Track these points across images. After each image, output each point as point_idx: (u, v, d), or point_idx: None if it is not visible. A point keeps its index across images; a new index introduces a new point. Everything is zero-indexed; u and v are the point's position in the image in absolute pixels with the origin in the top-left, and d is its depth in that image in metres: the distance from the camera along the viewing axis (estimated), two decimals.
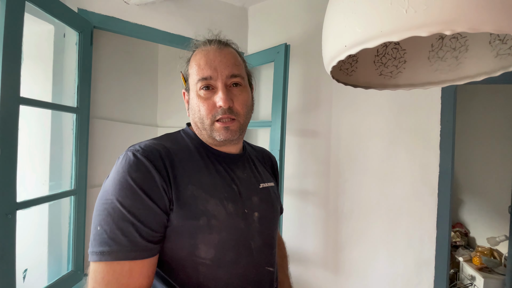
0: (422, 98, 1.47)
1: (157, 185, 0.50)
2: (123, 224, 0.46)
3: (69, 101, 1.29)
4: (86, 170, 1.34)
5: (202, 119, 0.59)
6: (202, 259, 0.53)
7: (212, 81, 0.58)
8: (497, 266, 2.48)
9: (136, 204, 0.48)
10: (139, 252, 0.47)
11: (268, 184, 0.69)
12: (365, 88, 0.66)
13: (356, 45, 0.40)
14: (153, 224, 0.49)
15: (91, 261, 0.46)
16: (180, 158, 0.56)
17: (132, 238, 0.46)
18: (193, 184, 0.54)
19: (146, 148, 0.54)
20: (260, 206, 0.63)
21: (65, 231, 1.33)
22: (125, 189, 0.48)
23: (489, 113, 2.79)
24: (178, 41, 1.53)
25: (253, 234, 0.60)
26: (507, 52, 0.50)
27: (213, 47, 0.60)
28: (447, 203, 1.43)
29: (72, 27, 1.24)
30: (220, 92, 0.56)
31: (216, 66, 0.57)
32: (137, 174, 0.49)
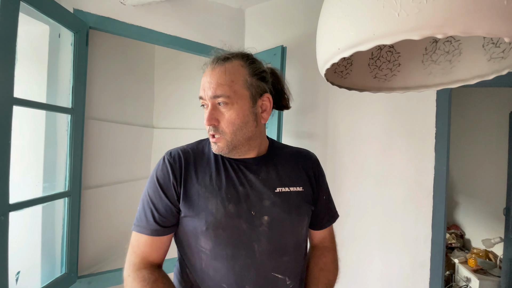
0: (417, 101, 1.48)
1: (170, 183, 0.64)
2: (147, 208, 0.64)
3: (63, 102, 1.28)
4: (80, 171, 1.33)
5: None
6: (203, 248, 0.62)
7: (205, 101, 0.64)
8: (492, 268, 2.49)
9: (155, 195, 0.64)
10: (150, 230, 0.63)
11: (291, 189, 0.68)
12: (360, 91, 0.66)
13: (349, 48, 0.40)
14: (163, 212, 0.63)
15: (133, 229, 0.66)
16: (198, 161, 0.67)
17: (149, 219, 0.63)
18: (199, 184, 0.64)
19: (173, 152, 0.68)
20: (272, 210, 0.64)
21: (58, 233, 1.31)
22: (152, 184, 0.66)
23: (483, 116, 2.82)
24: (174, 43, 1.53)
25: (259, 237, 0.62)
26: (500, 56, 0.50)
27: (209, 68, 0.64)
28: (442, 205, 1.44)
29: (68, 28, 1.24)
30: (206, 111, 0.63)
31: (205, 87, 0.62)
32: (160, 174, 0.65)
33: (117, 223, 1.73)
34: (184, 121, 2.04)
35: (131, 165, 1.86)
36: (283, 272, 0.64)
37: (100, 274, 1.41)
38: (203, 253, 0.62)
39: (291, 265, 0.66)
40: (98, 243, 1.58)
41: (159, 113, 2.06)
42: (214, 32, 1.68)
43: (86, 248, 1.48)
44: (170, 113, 2.06)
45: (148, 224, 0.63)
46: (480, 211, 2.86)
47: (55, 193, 1.23)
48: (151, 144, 2.05)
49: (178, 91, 2.05)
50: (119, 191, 1.75)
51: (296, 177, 0.70)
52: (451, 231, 3.05)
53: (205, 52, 1.63)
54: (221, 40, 1.70)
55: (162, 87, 2.06)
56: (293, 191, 0.68)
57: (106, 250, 1.65)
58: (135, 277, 0.60)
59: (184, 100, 2.05)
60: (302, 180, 0.71)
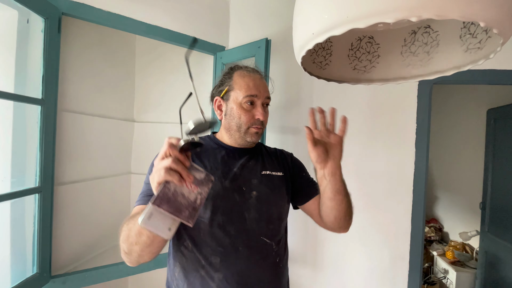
0: (399, 97, 1.49)
1: None
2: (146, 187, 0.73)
3: (33, 92, 1.20)
4: (52, 166, 1.26)
5: (240, 125, 0.79)
6: (201, 217, 0.72)
7: (255, 98, 0.78)
8: (468, 260, 2.59)
9: None
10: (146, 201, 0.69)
11: (273, 173, 0.85)
12: (339, 82, 0.65)
13: (323, 32, 0.38)
14: None
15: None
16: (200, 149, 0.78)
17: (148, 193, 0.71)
18: (200, 163, 0.77)
19: None
20: (259, 187, 0.80)
21: (29, 231, 1.24)
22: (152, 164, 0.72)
23: (462, 113, 2.91)
24: (154, 32, 1.47)
25: (249, 208, 0.77)
26: (477, 46, 0.50)
27: (258, 76, 0.82)
28: (422, 200, 1.47)
29: (37, 13, 1.16)
30: (260, 108, 0.78)
31: (260, 89, 0.79)
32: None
33: (95, 220, 1.67)
34: (167, 114, 1.98)
35: (110, 161, 1.79)
36: (270, 238, 0.78)
37: (76, 274, 1.36)
38: (202, 222, 0.72)
39: (276, 232, 0.81)
40: (74, 242, 1.51)
41: (140, 106, 1.99)
42: (197, 23, 1.63)
43: (61, 246, 1.42)
44: (152, 106, 1.99)
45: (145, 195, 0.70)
46: (458, 205, 2.96)
47: (24, 189, 1.16)
48: (132, 139, 1.98)
49: (161, 83, 1.98)
50: (97, 187, 1.68)
51: (277, 165, 0.89)
52: (430, 224, 3.15)
53: (187, 43, 1.57)
54: (204, 31, 1.65)
55: (144, 79, 1.99)
56: (275, 175, 0.85)
57: (83, 248, 1.59)
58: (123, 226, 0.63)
59: (167, 93, 1.99)
60: (281, 167, 0.89)
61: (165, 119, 1.98)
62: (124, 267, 1.45)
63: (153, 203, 0.48)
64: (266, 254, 0.77)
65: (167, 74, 1.97)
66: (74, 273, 1.36)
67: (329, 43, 0.63)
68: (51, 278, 1.29)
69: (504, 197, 2.16)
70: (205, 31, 1.67)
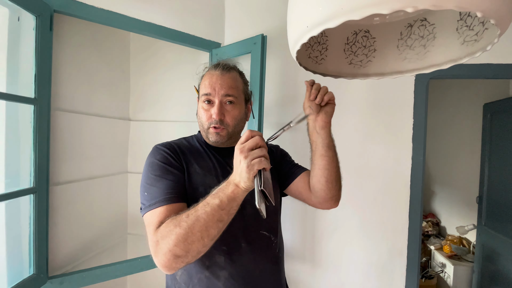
0: (395, 92, 1.49)
1: (173, 159, 0.75)
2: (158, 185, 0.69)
3: (26, 91, 1.18)
4: (47, 166, 1.24)
5: (202, 124, 0.80)
6: None
7: (211, 97, 0.78)
8: (466, 253, 2.61)
9: (163, 171, 0.71)
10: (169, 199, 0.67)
11: None
12: (335, 77, 0.64)
13: (318, 25, 0.37)
14: (176, 181, 0.71)
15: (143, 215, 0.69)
16: (188, 150, 0.81)
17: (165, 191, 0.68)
18: (197, 164, 0.77)
19: (165, 143, 0.80)
20: None
21: (25, 232, 1.23)
22: (154, 166, 0.73)
23: (458, 108, 2.92)
24: (148, 30, 1.45)
25: (244, 204, 0.74)
26: (474, 39, 0.49)
27: (217, 72, 0.80)
28: (419, 195, 1.48)
29: (28, 10, 1.14)
30: (215, 107, 0.77)
31: (215, 86, 0.77)
32: (160, 156, 0.74)
33: (92, 220, 1.65)
34: (164, 113, 1.96)
35: (106, 160, 1.77)
36: (268, 231, 0.81)
37: (73, 274, 1.35)
38: None
39: (273, 225, 0.84)
40: (71, 242, 1.50)
41: (135, 104, 1.96)
42: (192, 19, 1.61)
43: (58, 247, 1.40)
44: (148, 105, 1.97)
45: (166, 195, 0.68)
46: (454, 200, 2.98)
47: (19, 189, 1.15)
48: (128, 138, 1.96)
49: (157, 81, 1.96)
50: (94, 187, 1.66)
51: None
52: (427, 219, 3.17)
53: (182, 40, 1.56)
54: (199, 28, 1.63)
55: (139, 77, 1.96)
56: None
57: (80, 248, 1.57)
58: (160, 230, 0.62)
59: (163, 91, 1.97)
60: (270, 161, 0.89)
61: (162, 117, 1.97)
62: (122, 266, 1.45)
63: (263, 187, 0.54)
64: (267, 247, 0.80)
65: (163, 71, 1.95)
66: (72, 273, 1.35)
67: (324, 38, 0.62)
68: (49, 279, 1.28)
69: (501, 190, 2.17)
70: (200, 28, 1.65)
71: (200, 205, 0.60)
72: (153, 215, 0.66)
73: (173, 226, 0.60)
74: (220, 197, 0.59)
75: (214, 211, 0.58)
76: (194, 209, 0.60)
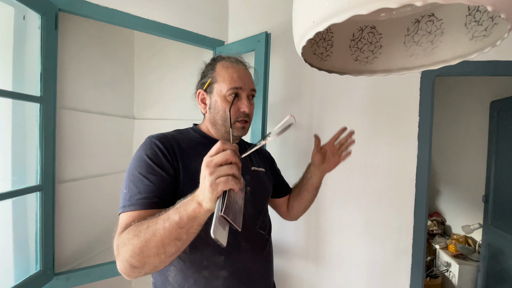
0: (401, 89, 1.47)
1: (165, 157, 0.68)
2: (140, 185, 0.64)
3: (32, 90, 1.19)
4: (53, 164, 1.25)
5: (225, 119, 0.76)
6: None
7: (240, 91, 0.76)
8: (471, 253, 2.59)
9: (149, 171, 0.65)
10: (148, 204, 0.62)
11: (259, 169, 0.90)
12: (340, 74, 0.64)
13: (324, 20, 0.36)
14: (160, 184, 0.65)
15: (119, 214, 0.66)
16: (186, 144, 0.75)
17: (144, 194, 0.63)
18: (195, 161, 0.71)
19: (160, 135, 0.74)
20: (252, 182, 0.82)
21: (32, 229, 1.24)
22: (141, 161, 0.67)
23: (465, 106, 2.88)
24: (152, 28, 1.45)
25: (246, 203, 0.75)
26: (483, 34, 0.49)
27: (242, 67, 0.79)
28: (424, 193, 1.46)
29: (34, 9, 1.14)
30: (245, 101, 0.76)
31: (245, 81, 0.76)
32: (151, 151, 0.68)
33: (97, 218, 1.67)
34: (168, 111, 1.97)
35: (110, 158, 1.79)
36: (263, 229, 0.83)
37: (79, 270, 1.36)
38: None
39: (267, 223, 0.87)
40: (77, 239, 1.52)
41: (140, 103, 1.97)
42: (196, 17, 1.61)
43: (64, 244, 1.42)
44: (152, 103, 1.98)
45: (144, 199, 0.63)
46: (460, 199, 2.95)
47: (25, 187, 1.16)
48: (132, 136, 1.97)
49: (161, 80, 1.97)
50: (99, 184, 1.68)
51: (260, 162, 0.94)
52: (432, 218, 3.14)
53: (186, 38, 1.56)
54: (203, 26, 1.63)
55: (143, 75, 1.97)
56: (261, 170, 0.90)
57: (86, 246, 1.59)
58: (122, 236, 0.58)
59: (167, 89, 1.97)
60: (263, 164, 0.95)
61: (166, 115, 1.97)
62: None
63: (224, 213, 0.45)
64: (263, 245, 0.82)
65: (167, 70, 1.95)
66: (78, 270, 1.36)
67: (330, 34, 0.61)
68: (55, 275, 1.29)
69: (507, 189, 2.14)
70: (204, 26, 1.65)
71: (162, 217, 0.54)
72: (124, 217, 0.62)
73: (132, 235, 0.56)
74: (180, 214, 0.52)
75: (172, 228, 0.52)
76: (155, 220, 0.55)
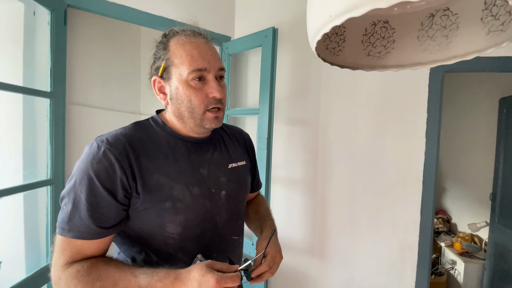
0: (409, 85, 1.46)
1: (116, 178, 0.55)
2: (81, 209, 0.54)
3: (42, 85, 1.21)
4: (63, 159, 1.27)
5: (192, 110, 0.62)
6: (171, 234, 0.61)
7: (205, 72, 0.61)
8: (477, 251, 2.57)
9: (93, 194, 0.54)
10: (90, 234, 0.54)
11: (238, 163, 0.76)
12: (352, 69, 0.63)
13: (342, 14, 0.36)
14: (107, 212, 0.55)
15: (56, 232, 0.56)
16: (147, 148, 0.61)
17: (86, 222, 0.54)
18: (159, 172, 0.60)
19: (112, 139, 0.58)
20: (228, 185, 0.71)
21: (42, 223, 1.27)
22: (86, 179, 0.54)
23: (473, 102, 2.84)
24: (160, 23, 1.45)
25: (220, 211, 0.68)
26: (500, 29, 0.48)
27: (202, 40, 0.63)
28: (431, 191, 1.45)
29: (43, 5, 1.15)
30: (214, 83, 0.61)
31: (209, 59, 0.61)
32: (98, 166, 0.55)
33: None
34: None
35: None
36: (238, 234, 0.75)
37: None
38: (171, 238, 0.61)
39: (242, 227, 0.78)
40: None
41: (146, 99, 1.99)
42: (202, 13, 1.61)
43: None
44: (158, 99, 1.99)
45: (85, 228, 0.54)
46: (467, 197, 2.93)
47: (36, 181, 1.18)
48: None
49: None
50: None
51: (241, 152, 0.80)
52: (438, 216, 3.12)
53: None
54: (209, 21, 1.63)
55: None
56: (240, 165, 0.77)
57: None
58: (67, 275, 0.53)
59: None
60: (244, 155, 0.81)
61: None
62: None
63: None
64: (235, 250, 0.74)
65: None
66: None
67: (342, 29, 0.61)
68: None
69: None
70: (210, 21, 1.64)
71: (121, 286, 0.52)
72: (62, 242, 0.55)
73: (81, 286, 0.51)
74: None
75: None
76: (113, 286, 0.52)
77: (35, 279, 1.14)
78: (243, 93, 1.85)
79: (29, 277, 1.12)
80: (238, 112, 1.72)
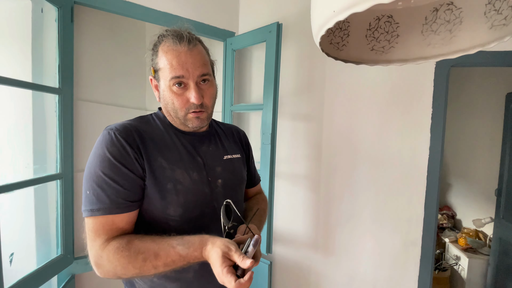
0: (414, 80, 1.45)
1: (130, 156, 0.62)
2: (107, 188, 0.60)
3: (50, 81, 1.23)
4: (72, 153, 1.30)
5: (175, 111, 0.69)
6: (172, 216, 0.67)
7: (184, 79, 0.66)
8: (481, 247, 2.56)
9: (116, 172, 0.61)
10: (119, 209, 0.61)
11: (233, 156, 0.83)
12: (356, 64, 0.64)
13: (345, 9, 0.37)
14: (129, 186, 0.62)
15: (84, 216, 0.62)
16: (150, 136, 0.69)
17: (113, 198, 0.60)
18: (162, 157, 0.67)
19: (120, 127, 0.65)
20: (223, 174, 0.77)
21: (52, 215, 1.30)
22: (104, 161, 0.61)
23: (479, 97, 2.81)
24: (164, 19, 1.46)
25: (217, 197, 0.74)
26: (502, 23, 0.48)
27: (184, 48, 0.65)
28: (436, 186, 1.45)
29: (50, 2, 1.17)
30: (193, 91, 0.66)
31: (188, 67, 0.65)
32: (113, 148, 0.62)
33: None
34: None
35: None
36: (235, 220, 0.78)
37: None
38: (172, 220, 0.67)
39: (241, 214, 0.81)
40: None
41: (151, 95, 2.01)
42: (206, 8, 1.61)
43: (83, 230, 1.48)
44: None
45: (116, 204, 0.60)
46: (471, 193, 2.91)
47: (46, 175, 1.21)
48: None
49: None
50: None
51: (235, 147, 0.86)
52: (442, 212, 3.11)
53: (196, 30, 1.56)
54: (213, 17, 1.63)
55: None
56: (235, 157, 0.83)
57: None
58: (108, 252, 0.58)
59: None
60: (238, 149, 0.88)
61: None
62: None
63: None
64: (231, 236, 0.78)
65: None
66: None
67: (346, 23, 0.61)
68: (75, 259, 1.35)
69: None
70: (215, 17, 1.65)
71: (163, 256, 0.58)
72: (94, 222, 0.60)
73: (127, 261, 0.57)
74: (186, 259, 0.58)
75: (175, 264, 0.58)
76: (155, 256, 0.58)
77: (45, 270, 1.18)
78: (247, 89, 1.86)
79: (40, 268, 1.16)
80: (242, 108, 1.73)
